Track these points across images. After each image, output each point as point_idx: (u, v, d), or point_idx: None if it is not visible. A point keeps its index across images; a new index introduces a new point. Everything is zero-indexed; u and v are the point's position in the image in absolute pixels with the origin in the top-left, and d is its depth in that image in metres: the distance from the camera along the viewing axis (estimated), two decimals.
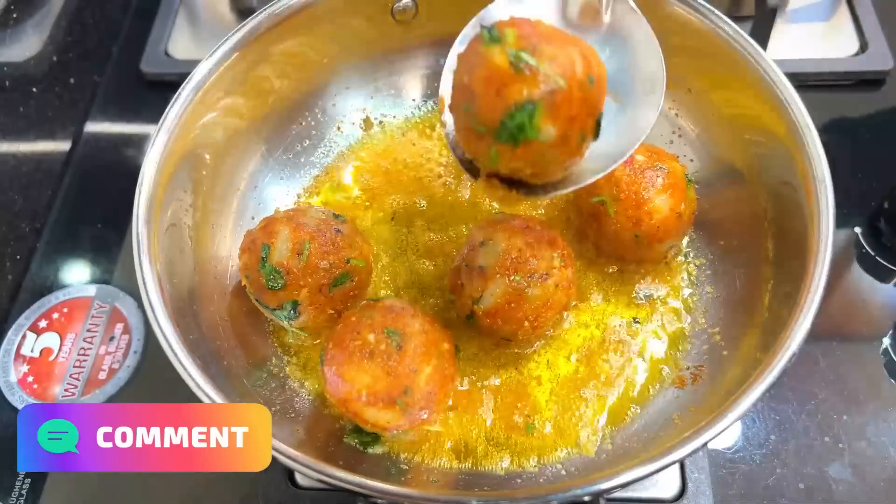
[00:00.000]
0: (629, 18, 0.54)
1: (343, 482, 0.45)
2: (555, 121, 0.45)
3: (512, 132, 0.45)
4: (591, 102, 0.47)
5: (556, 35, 0.46)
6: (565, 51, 0.45)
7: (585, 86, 0.45)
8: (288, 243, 0.57)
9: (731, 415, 0.46)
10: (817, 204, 0.53)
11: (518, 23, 0.46)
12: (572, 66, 0.45)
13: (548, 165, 0.49)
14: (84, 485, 0.65)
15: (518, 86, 0.44)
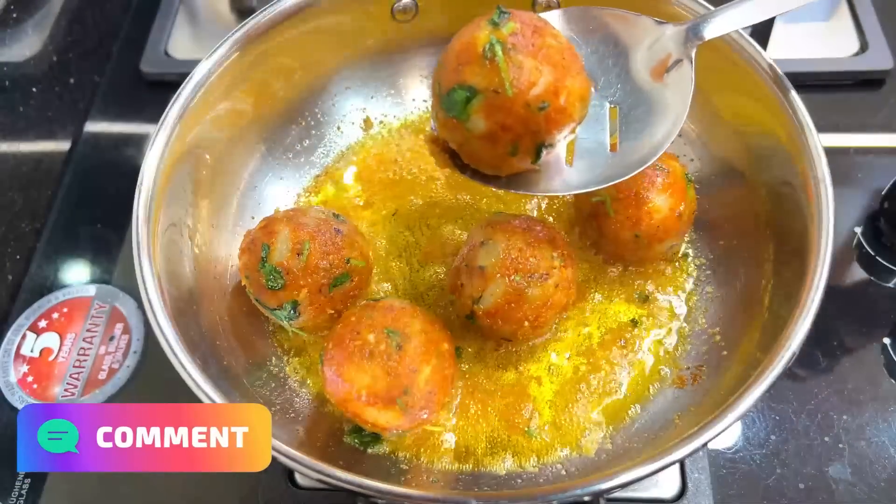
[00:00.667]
0: (678, 85, 0.54)
1: (343, 482, 0.45)
2: (486, 118, 0.46)
3: (448, 105, 0.47)
4: (532, 126, 0.47)
5: (550, 51, 0.46)
6: (539, 69, 0.45)
7: (532, 109, 0.46)
8: (288, 243, 0.57)
9: (732, 415, 0.46)
10: (817, 204, 0.53)
11: (525, 21, 0.47)
12: (530, 85, 0.45)
13: (475, 154, 0.50)
14: (84, 485, 0.65)
15: (474, 69, 0.45)
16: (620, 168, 0.53)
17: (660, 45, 0.54)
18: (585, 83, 0.49)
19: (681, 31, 0.53)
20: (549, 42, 0.47)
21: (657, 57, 0.54)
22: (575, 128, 0.50)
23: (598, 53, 0.56)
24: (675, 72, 0.54)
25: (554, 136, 0.48)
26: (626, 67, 0.55)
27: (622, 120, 0.55)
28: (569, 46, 0.48)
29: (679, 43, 0.53)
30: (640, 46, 0.55)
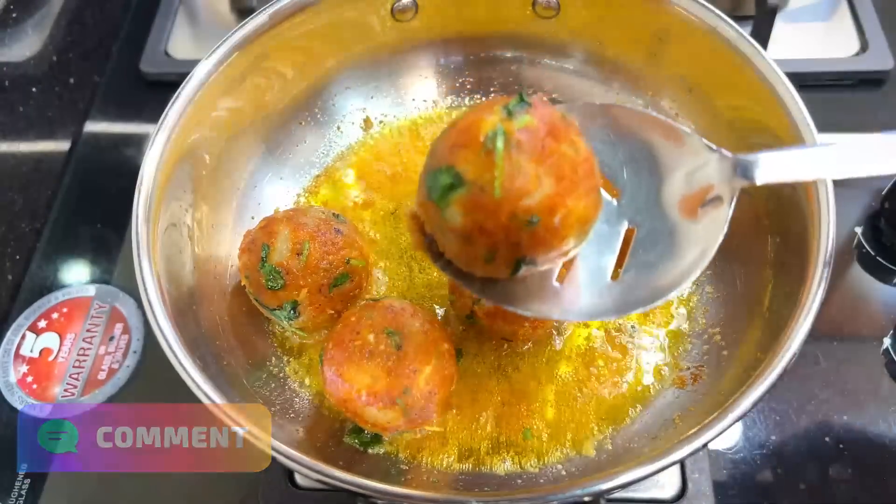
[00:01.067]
0: (708, 226, 0.46)
1: (343, 482, 0.45)
2: (465, 214, 0.40)
3: (429, 185, 0.41)
4: (514, 239, 0.40)
5: (562, 160, 0.39)
6: (539, 178, 0.38)
7: (518, 221, 0.39)
8: (288, 243, 0.57)
9: (732, 415, 0.46)
10: (818, 204, 0.52)
11: (544, 117, 0.40)
12: (522, 193, 0.38)
13: (448, 246, 0.44)
14: (84, 485, 0.65)
15: (468, 155, 0.39)
16: (616, 303, 0.47)
17: (702, 174, 0.46)
18: (593, 206, 0.42)
19: (728, 164, 0.45)
20: (564, 150, 0.40)
21: (695, 186, 0.46)
22: (569, 252, 0.43)
23: (631, 162, 0.48)
24: (710, 208, 0.46)
25: (538, 256, 0.41)
26: (658, 188, 0.47)
27: (636, 245, 0.47)
28: (586, 159, 0.41)
29: (724, 178, 0.45)
30: (680, 168, 0.47)
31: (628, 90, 0.71)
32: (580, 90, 0.74)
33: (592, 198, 0.42)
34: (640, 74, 0.70)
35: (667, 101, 0.69)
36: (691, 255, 0.46)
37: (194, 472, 0.64)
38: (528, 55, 0.75)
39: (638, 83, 0.71)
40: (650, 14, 0.64)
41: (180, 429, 0.54)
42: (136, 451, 0.66)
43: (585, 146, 0.42)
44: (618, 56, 0.71)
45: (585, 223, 0.42)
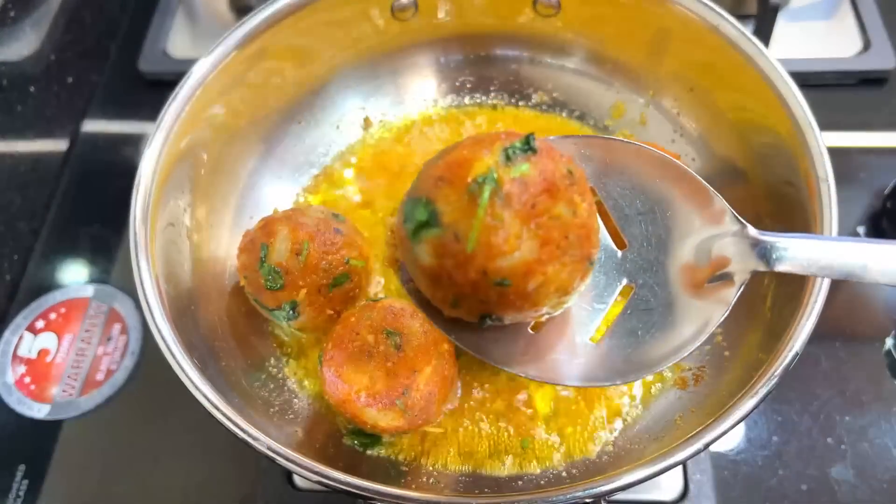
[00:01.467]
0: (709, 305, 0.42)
1: (342, 484, 0.45)
2: (433, 255, 0.37)
3: (406, 211, 0.39)
4: (481, 295, 0.37)
5: (553, 223, 0.35)
6: (519, 240, 0.34)
7: (487, 279, 0.35)
8: (287, 243, 0.56)
9: (734, 416, 0.45)
10: (820, 203, 0.52)
11: (546, 169, 0.35)
12: (497, 253, 0.34)
13: (416, 278, 0.41)
14: (82, 485, 0.65)
15: (449, 195, 0.35)
16: (587, 370, 0.42)
17: (719, 246, 0.41)
18: (577, 275, 0.37)
19: (748, 243, 0.40)
20: (558, 211, 0.36)
21: (709, 257, 0.41)
22: (543, 316, 0.39)
23: (649, 213, 0.43)
24: (717, 285, 0.41)
25: (505, 316, 0.38)
26: (669, 249, 0.42)
27: (628, 308, 0.43)
28: (583, 225, 0.37)
29: (741, 256, 0.40)
30: (697, 233, 0.42)
31: (629, 89, 0.71)
32: (581, 89, 0.74)
33: (579, 267, 0.37)
34: (641, 73, 0.70)
35: (668, 101, 0.69)
36: (685, 333, 0.41)
37: (193, 473, 0.64)
38: (528, 54, 0.75)
39: (639, 82, 0.70)
40: (651, 13, 0.64)
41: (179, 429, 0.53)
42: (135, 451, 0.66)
43: (586, 208, 0.37)
44: (619, 55, 0.70)
45: (565, 293, 0.38)
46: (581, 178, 0.38)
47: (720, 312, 0.41)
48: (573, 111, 0.75)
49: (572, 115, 0.75)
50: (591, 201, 0.38)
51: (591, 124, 0.74)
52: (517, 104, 0.76)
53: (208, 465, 0.65)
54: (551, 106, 0.75)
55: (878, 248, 0.36)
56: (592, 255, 0.38)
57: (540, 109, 0.76)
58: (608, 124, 0.73)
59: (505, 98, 0.77)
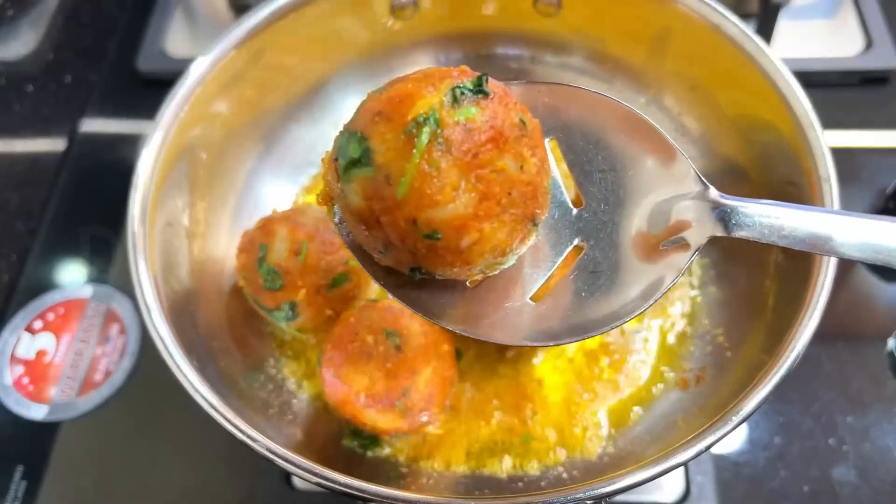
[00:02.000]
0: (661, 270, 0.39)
1: (342, 486, 0.45)
2: (363, 197, 0.33)
3: (339, 146, 0.35)
4: (409, 246, 0.33)
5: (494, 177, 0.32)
6: (455, 191, 0.31)
7: (417, 229, 0.32)
8: (286, 243, 0.56)
9: (736, 417, 0.45)
10: (822, 203, 0.52)
11: (494, 115, 0.33)
12: (429, 202, 0.31)
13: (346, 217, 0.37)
14: (80, 486, 0.64)
15: (385, 133, 0.32)
16: (528, 329, 0.39)
17: (679, 208, 0.39)
18: (518, 236, 0.35)
19: (708, 205, 0.37)
20: (504, 164, 0.33)
21: (667, 220, 0.39)
22: (476, 276, 0.36)
23: (610, 171, 0.41)
24: (671, 250, 0.38)
25: (435, 271, 0.35)
26: (626, 209, 0.40)
27: (575, 269, 0.40)
28: (530, 182, 0.34)
29: (700, 219, 0.37)
30: (657, 192, 0.40)
31: (630, 88, 0.71)
32: None
33: (520, 227, 0.34)
34: (643, 72, 0.70)
35: (669, 99, 0.69)
36: (630, 297, 0.39)
37: (191, 474, 0.64)
38: (529, 53, 0.74)
39: (640, 81, 0.70)
40: (653, 11, 0.64)
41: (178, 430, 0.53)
42: (134, 452, 0.65)
43: (535, 163, 0.34)
44: (620, 53, 0.70)
45: (501, 254, 0.35)
46: (535, 129, 0.35)
47: (671, 277, 0.38)
48: None
49: None
50: (542, 157, 0.35)
51: None
52: None
53: (207, 466, 0.64)
54: None
55: (843, 220, 0.34)
56: (537, 216, 0.35)
57: None
58: None
59: None
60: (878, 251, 0.33)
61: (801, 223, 0.35)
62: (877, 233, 0.33)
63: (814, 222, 0.35)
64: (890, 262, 0.33)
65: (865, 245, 0.34)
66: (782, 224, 0.35)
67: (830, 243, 0.34)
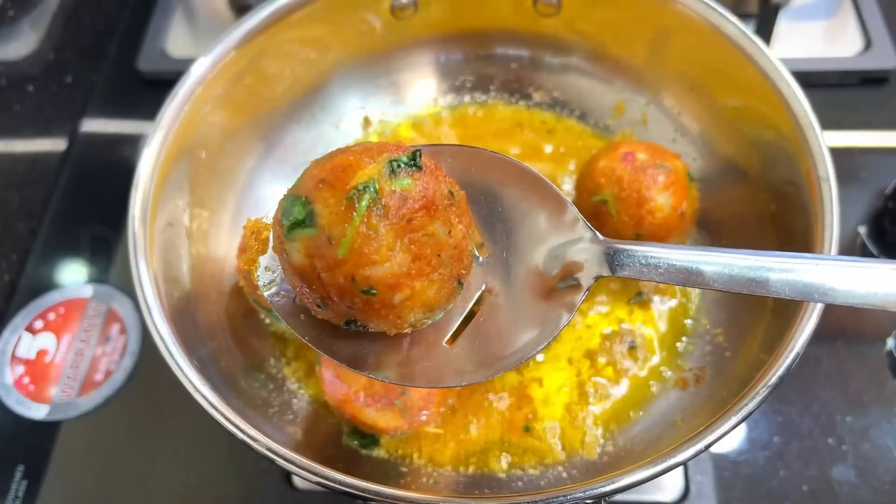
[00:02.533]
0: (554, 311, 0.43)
1: (342, 485, 0.45)
2: (304, 255, 0.36)
3: (284, 210, 0.38)
4: (347, 301, 0.37)
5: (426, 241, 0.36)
6: (390, 253, 0.35)
7: (354, 286, 0.35)
8: None
9: (735, 417, 0.45)
10: (821, 203, 0.52)
11: (426, 188, 0.36)
12: (366, 262, 0.35)
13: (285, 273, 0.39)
14: (81, 486, 0.64)
15: (328, 199, 0.35)
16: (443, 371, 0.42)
17: (572, 252, 0.42)
18: (445, 295, 0.38)
19: (599, 249, 0.41)
20: (434, 229, 0.36)
21: (560, 263, 0.43)
22: (403, 328, 0.39)
23: (508, 221, 0.44)
24: (565, 291, 0.42)
25: (368, 323, 0.38)
26: (524, 255, 0.44)
27: (482, 313, 0.43)
28: (457, 245, 0.38)
29: (590, 262, 0.41)
30: (551, 239, 0.43)
31: (630, 88, 0.71)
32: (581, 89, 0.74)
33: (448, 286, 0.38)
34: (642, 72, 0.70)
35: (669, 100, 0.69)
36: (532, 336, 0.42)
37: (192, 473, 0.64)
38: (528, 53, 0.74)
39: (639, 81, 0.70)
40: (652, 12, 0.64)
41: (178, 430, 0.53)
42: (134, 452, 0.65)
43: (462, 230, 0.38)
44: (619, 54, 0.70)
45: (431, 310, 0.38)
46: (462, 200, 0.39)
47: (567, 316, 0.42)
48: (574, 110, 0.75)
49: (573, 115, 0.75)
50: (468, 223, 0.39)
51: (592, 123, 0.74)
52: (517, 103, 0.76)
53: (207, 465, 0.64)
54: (552, 105, 0.75)
55: (710, 256, 0.38)
56: (463, 276, 0.39)
57: (540, 109, 0.75)
58: (609, 123, 0.73)
59: (505, 97, 0.76)
60: (738, 281, 0.37)
61: (677, 260, 0.39)
62: (739, 264, 0.37)
63: (685, 259, 0.38)
64: (753, 291, 0.37)
65: (730, 277, 0.37)
66: (658, 261, 0.39)
67: (701, 277, 0.38)
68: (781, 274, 0.36)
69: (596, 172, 0.62)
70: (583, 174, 0.65)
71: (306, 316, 0.41)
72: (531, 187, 0.44)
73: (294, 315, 0.42)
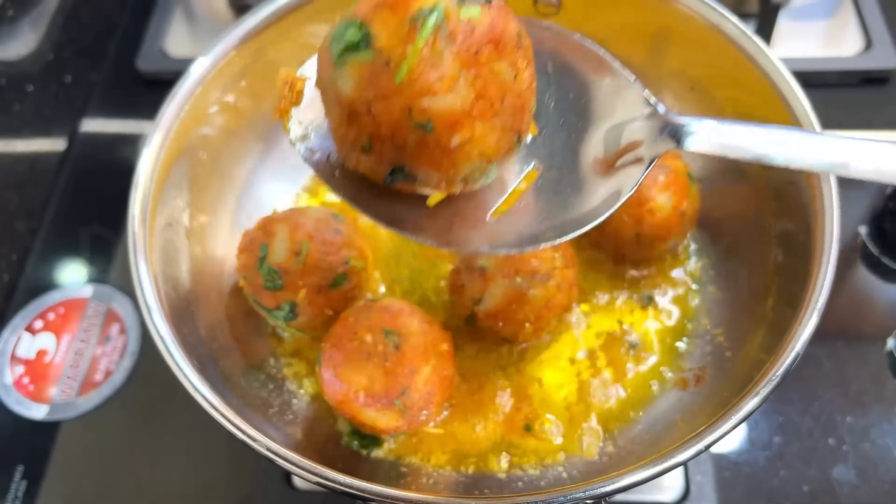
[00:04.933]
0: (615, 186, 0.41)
1: (342, 485, 0.45)
2: (356, 83, 0.33)
3: (334, 36, 0.34)
4: (398, 139, 0.33)
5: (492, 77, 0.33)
6: (455, 84, 0.32)
7: (410, 118, 0.32)
8: (286, 243, 0.56)
9: (736, 417, 0.45)
10: (822, 203, 0.52)
11: (495, 22, 0.33)
12: (428, 90, 0.31)
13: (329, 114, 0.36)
14: (81, 486, 0.64)
15: (389, 20, 0.32)
16: (486, 240, 0.40)
17: (631, 129, 0.40)
18: (504, 147, 0.35)
19: (658, 123, 0.39)
20: (501, 69, 0.33)
21: (620, 140, 0.41)
22: (455, 187, 0.36)
23: (563, 101, 0.42)
24: (626, 168, 0.40)
25: (418, 172, 0.35)
26: (581, 134, 0.42)
27: (532, 188, 0.41)
28: (521, 95, 0.35)
29: (651, 137, 0.39)
30: (611, 117, 0.41)
31: None
32: None
33: (507, 139, 0.35)
34: (642, 71, 0.68)
35: (669, 99, 0.69)
36: (585, 209, 0.40)
37: (192, 474, 0.64)
38: None
39: (640, 80, 0.70)
40: (652, 11, 0.64)
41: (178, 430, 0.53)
42: (134, 452, 0.65)
43: (527, 78, 0.35)
44: (619, 53, 0.69)
45: (488, 160, 0.35)
46: (528, 47, 0.36)
47: (628, 189, 0.40)
48: None
49: None
50: (532, 75, 0.36)
51: None
52: None
53: (207, 465, 0.64)
54: None
55: (782, 134, 0.37)
56: (523, 132, 0.36)
57: None
58: None
59: None
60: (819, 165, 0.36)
61: (744, 137, 0.37)
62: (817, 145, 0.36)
63: (755, 136, 0.37)
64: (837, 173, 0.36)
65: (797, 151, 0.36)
66: (726, 139, 0.37)
67: (770, 155, 0.36)
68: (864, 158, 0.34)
69: None
70: None
71: (341, 173, 0.38)
72: (589, 63, 0.42)
73: (329, 172, 0.38)
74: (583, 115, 0.42)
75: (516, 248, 0.40)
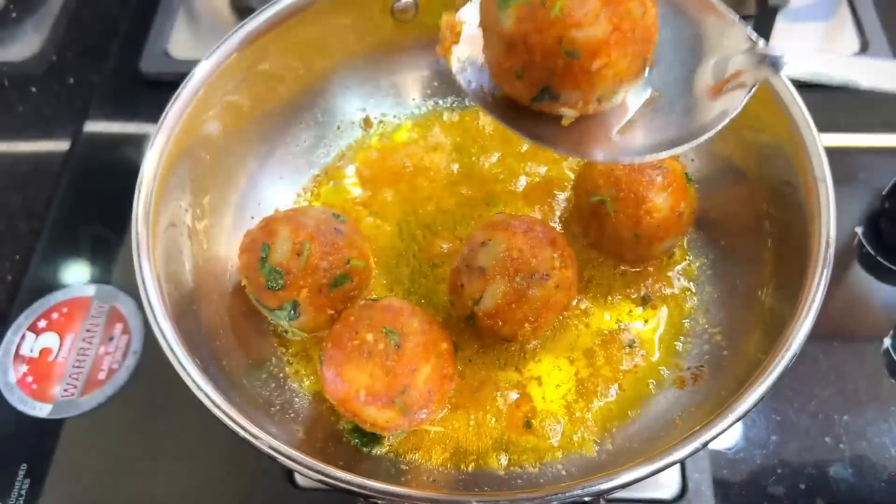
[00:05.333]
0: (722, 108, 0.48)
1: (343, 483, 0.45)
2: (517, 19, 0.41)
3: None
4: (549, 64, 0.42)
5: (626, 14, 0.41)
6: (598, 18, 0.41)
7: (560, 46, 0.40)
8: (288, 243, 0.56)
9: (732, 415, 0.46)
10: (818, 203, 0.52)
11: None
12: (577, 23, 0.39)
13: (490, 47, 0.45)
14: (83, 485, 0.65)
15: None
16: (616, 150, 0.48)
17: (734, 62, 0.48)
18: (634, 70, 0.44)
19: (758, 56, 0.46)
20: (632, 7, 0.41)
21: (723, 72, 0.48)
22: (590, 105, 0.44)
23: (675, 40, 0.50)
24: (731, 92, 0.48)
25: (561, 91, 0.43)
26: (692, 68, 0.49)
27: (652, 110, 0.49)
28: (647, 27, 0.43)
29: (753, 67, 0.47)
30: (716, 52, 0.49)
31: None
32: None
33: (636, 64, 0.43)
34: None
35: None
36: (700, 124, 0.48)
37: (194, 472, 0.64)
38: None
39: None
40: None
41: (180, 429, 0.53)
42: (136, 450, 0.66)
43: (652, 14, 0.43)
44: None
45: (620, 82, 0.43)
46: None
47: (734, 109, 0.47)
48: None
49: None
50: (655, 13, 0.44)
51: None
52: None
53: (209, 464, 0.65)
54: None
55: (865, 62, 0.45)
56: (648, 59, 0.44)
57: None
58: None
59: None
60: None
61: (831, 64, 0.44)
62: None
63: (840, 62, 0.45)
64: None
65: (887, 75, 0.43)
66: (816, 66, 0.44)
67: (858, 79, 0.43)
68: None
69: (594, 173, 0.62)
70: (581, 175, 0.65)
71: (493, 98, 0.47)
72: (703, 9, 0.49)
73: (483, 97, 0.48)
74: (692, 50, 0.50)
75: (639, 157, 0.48)
